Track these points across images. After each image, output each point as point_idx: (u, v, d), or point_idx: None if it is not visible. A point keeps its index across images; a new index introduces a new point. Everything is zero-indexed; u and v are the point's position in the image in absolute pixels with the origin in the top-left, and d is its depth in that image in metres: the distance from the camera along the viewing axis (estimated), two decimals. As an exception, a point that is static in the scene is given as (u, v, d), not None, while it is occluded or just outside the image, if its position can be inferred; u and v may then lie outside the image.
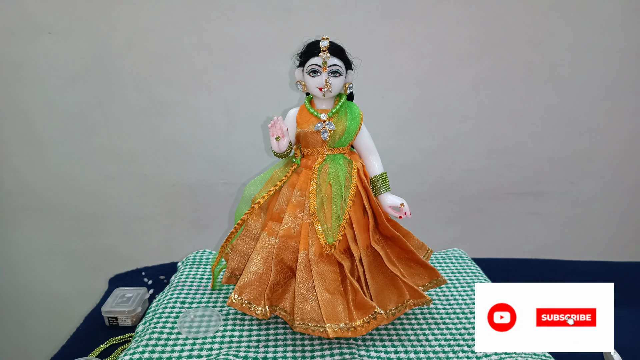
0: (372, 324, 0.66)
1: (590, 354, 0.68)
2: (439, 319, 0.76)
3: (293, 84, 1.12)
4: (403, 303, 0.71)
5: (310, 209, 0.69)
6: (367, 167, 0.75)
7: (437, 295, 0.84)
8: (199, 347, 0.68)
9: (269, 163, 1.17)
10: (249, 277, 0.72)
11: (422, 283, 0.76)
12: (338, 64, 0.70)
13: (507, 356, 0.64)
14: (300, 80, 0.73)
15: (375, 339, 0.70)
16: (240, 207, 0.80)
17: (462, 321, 0.75)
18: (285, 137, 0.72)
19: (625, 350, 0.66)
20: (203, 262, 0.97)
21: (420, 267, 0.76)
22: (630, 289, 0.90)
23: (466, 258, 1.01)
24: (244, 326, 0.74)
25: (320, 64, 0.70)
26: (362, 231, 0.72)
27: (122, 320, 0.82)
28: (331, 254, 0.68)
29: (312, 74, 0.71)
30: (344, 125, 0.72)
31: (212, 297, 0.83)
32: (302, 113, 0.75)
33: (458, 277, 0.92)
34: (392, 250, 0.75)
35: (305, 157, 0.75)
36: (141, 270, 1.06)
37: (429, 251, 0.79)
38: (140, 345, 0.67)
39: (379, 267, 0.73)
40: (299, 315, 0.67)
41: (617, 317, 0.56)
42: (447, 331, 0.72)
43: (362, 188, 0.72)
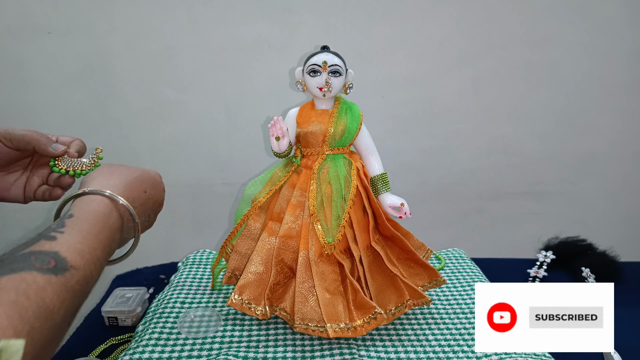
0: (372, 324, 0.66)
1: (590, 354, 0.68)
2: (439, 319, 0.76)
3: (293, 84, 1.12)
4: (403, 303, 0.71)
5: (310, 209, 0.69)
6: (367, 167, 0.75)
7: (437, 295, 0.84)
8: (199, 347, 0.68)
9: (269, 163, 1.18)
10: (249, 277, 0.72)
11: (422, 283, 0.76)
12: (338, 64, 0.70)
13: (507, 356, 0.64)
14: (300, 80, 0.73)
15: (375, 339, 0.70)
16: (241, 207, 0.80)
17: (462, 321, 0.75)
18: (285, 137, 0.72)
19: (625, 350, 0.66)
20: (203, 262, 0.97)
21: (420, 267, 0.76)
22: (630, 289, 0.90)
23: (466, 258, 1.01)
24: (244, 326, 0.74)
25: (320, 64, 0.70)
26: (362, 231, 0.72)
27: (122, 320, 0.82)
28: (331, 254, 0.68)
29: (312, 74, 0.71)
30: (344, 125, 0.72)
31: (212, 297, 0.83)
32: (302, 113, 0.75)
33: (458, 277, 0.92)
34: (392, 250, 0.75)
35: (305, 157, 0.75)
36: (141, 270, 1.06)
37: (428, 251, 0.79)
38: (140, 345, 0.67)
39: (379, 267, 0.73)
40: (299, 315, 0.67)
41: (618, 317, 0.56)
42: (447, 331, 0.72)
43: (362, 188, 0.72)
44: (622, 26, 1.13)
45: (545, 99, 1.19)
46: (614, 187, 1.27)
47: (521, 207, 1.28)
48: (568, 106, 1.20)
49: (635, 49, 1.15)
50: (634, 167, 1.25)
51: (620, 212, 1.29)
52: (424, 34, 1.13)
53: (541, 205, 1.28)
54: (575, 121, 1.21)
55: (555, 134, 1.22)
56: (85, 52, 1.11)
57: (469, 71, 1.16)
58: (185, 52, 1.12)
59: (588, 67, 1.17)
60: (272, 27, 1.11)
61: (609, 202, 1.28)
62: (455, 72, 1.16)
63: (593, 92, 1.19)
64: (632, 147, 1.24)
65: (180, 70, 1.14)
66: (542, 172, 1.25)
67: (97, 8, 1.08)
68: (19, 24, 1.09)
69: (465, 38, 1.13)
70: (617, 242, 1.06)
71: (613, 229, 1.29)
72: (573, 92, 1.19)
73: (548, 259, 1.01)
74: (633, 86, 1.18)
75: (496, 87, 1.18)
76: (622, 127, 1.22)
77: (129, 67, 1.13)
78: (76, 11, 1.08)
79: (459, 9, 1.11)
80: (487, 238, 1.30)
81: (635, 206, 1.29)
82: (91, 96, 1.15)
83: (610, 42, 1.14)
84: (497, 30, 1.13)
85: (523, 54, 1.15)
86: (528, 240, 1.28)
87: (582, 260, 0.98)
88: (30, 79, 1.13)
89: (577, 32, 1.14)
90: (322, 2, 1.10)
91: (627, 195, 1.28)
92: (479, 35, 1.13)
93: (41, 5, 1.08)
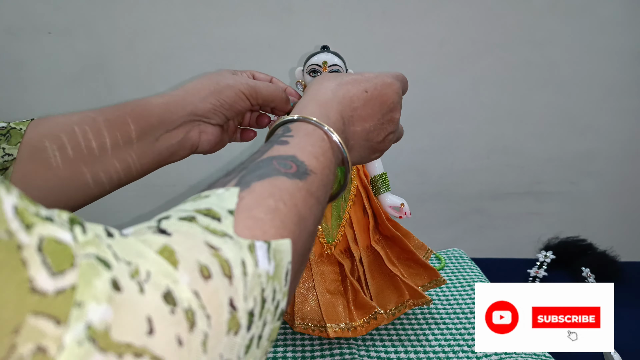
0: (372, 324, 0.66)
1: (590, 354, 0.68)
2: (439, 319, 0.76)
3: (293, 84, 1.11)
4: (403, 303, 0.71)
5: (310, 209, 0.69)
6: (367, 167, 0.75)
7: (437, 295, 0.84)
8: (199, 347, 0.68)
9: (269, 163, 1.17)
10: (249, 277, 0.72)
11: (422, 283, 0.76)
12: (338, 64, 0.70)
13: (507, 356, 0.64)
14: (300, 80, 0.73)
15: (375, 339, 0.70)
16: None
17: (462, 321, 0.75)
18: (285, 137, 0.72)
19: (626, 350, 0.66)
20: (203, 262, 0.97)
21: (420, 267, 0.76)
22: (630, 289, 0.90)
23: (466, 258, 1.01)
24: (244, 326, 0.73)
25: (320, 64, 0.70)
26: (362, 231, 0.72)
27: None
28: (331, 254, 0.68)
29: (312, 74, 0.71)
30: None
31: (212, 297, 0.83)
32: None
33: (458, 277, 0.92)
34: (392, 250, 0.75)
35: (305, 157, 0.75)
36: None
37: (428, 251, 0.79)
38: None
39: (379, 267, 0.73)
40: (299, 315, 0.67)
41: (618, 317, 0.56)
42: (447, 331, 0.72)
43: (362, 188, 0.72)
44: (622, 26, 1.13)
45: (545, 99, 1.19)
46: (614, 187, 1.27)
47: (521, 207, 1.28)
48: (568, 106, 1.20)
49: (635, 49, 1.15)
50: (634, 167, 1.25)
51: (620, 212, 1.29)
52: (424, 34, 1.13)
53: (541, 205, 1.28)
54: (575, 121, 1.21)
55: (555, 134, 1.22)
56: (85, 52, 1.11)
57: (469, 71, 1.16)
58: (185, 52, 1.12)
59: (588, 67, 1.17)
60: (272, 27, 1.11)
61: (609, 202, 1.28)
62: (455, 72, 1.16)
63: (593, 92, 1.19)
64: (632, 147, 1.24)
65: (180, 70, 1.14)
66: (542, 172, 1.25)
67: (97, 8, 1.08)
68: (19, 24, 1.09)
69: (465, 38, 1.13)
70: (617, 242, 1.06)
71: (613, 229, 1.29)
72: (573, 92, 1.19)
73: (548, 259, 1.01)
74: (633, 86, 1.18)
75: (496, 87, 1.17)
76: (622, 127, 1.22)
77: (128, 67, 1.13)
78: (76, 11, 1.08)
79: (459, 9, 1.11)
80: (487, 238, 1.30)
81: (635, 206, 1.29)
82: (91, 96, 1.15)
83: (610, 42, 1.14)
84: (497, 30, 1.13)
85: (523, 54, 1.15)
86: (528, 240, 1.28)
87: (582, 260, 0.98)
88: (30, 79, 1.13)
89: (577, 32, 1.14)
90: (322, 2, 1.10)
91: (627, 195, 1.28)
92: (479, 35, 1.13)
93: (41, 5, 1.08)
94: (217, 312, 0.20)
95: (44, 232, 0.16)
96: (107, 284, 0.17)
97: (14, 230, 0.15)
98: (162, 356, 0.17)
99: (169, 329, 0.18)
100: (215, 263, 0.21)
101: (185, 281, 0.20)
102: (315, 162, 0.33)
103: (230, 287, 0.21)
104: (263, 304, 0.23)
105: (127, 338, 0.16)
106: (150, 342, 0.17)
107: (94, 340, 0.16)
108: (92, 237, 0.18)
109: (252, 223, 0.25)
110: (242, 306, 0.22)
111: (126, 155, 0.49)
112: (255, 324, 0.23)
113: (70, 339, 0.15)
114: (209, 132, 0.55)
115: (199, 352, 0.19)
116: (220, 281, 0.21)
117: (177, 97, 0.52)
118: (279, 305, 0.25)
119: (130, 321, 0.17)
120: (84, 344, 0.15)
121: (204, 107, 0.52)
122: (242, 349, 0.22)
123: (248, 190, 0.27)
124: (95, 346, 0.16)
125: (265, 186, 0.28)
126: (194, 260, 0.21)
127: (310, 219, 0.30)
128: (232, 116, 0.55)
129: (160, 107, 0.50)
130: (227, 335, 0.21)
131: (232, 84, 0.53)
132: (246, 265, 0.23)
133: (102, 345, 0.16)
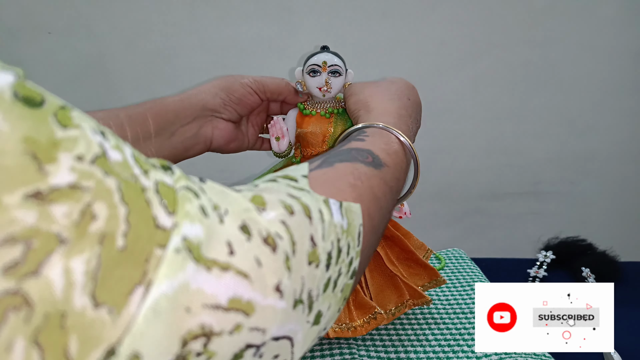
0: (372, 324, 0.66)
1: (590, 354, 0.68)
2: (439, 319, 0.76)
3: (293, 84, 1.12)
4: (403, 303, 0.71)
5: (310, 209, 0.69)
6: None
7: (437, 295, 0.84)
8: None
9: (269, 163, 1.17)
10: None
11: (422, 283, 0.76)
12: (338, 64, 0.70)
13: (507, 356, 0.64)
14: (300, 80, 0.73)
15: (375, 339, 0.70)
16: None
17: (462, 321, 0.75)
18: (285, 137, 0.72)
19: (626, 350, 0.66)
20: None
21: (420, 267, 0.76)
22: (630, 289, 0.90)
23: (466, 258, 1.01)
24: (244, 326, 0.74)
25: (320, 64, 0.70)
26: (362, 231, 0.72)
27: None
28: (331, 254, 0.68)
29: (312, 74, 0.71)
30: (343, 126, 0.72)
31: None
32: (302, 113, 0.75)
33: (458, 277, 0.92)
34: (392, 250, 0.75)
35: (305, 157, 0.75)
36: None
37: (428, 251, 0.79)
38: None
39: (379, 267, 0.73)
40: (299, 315, 0.67)
41: (618, 317, 0.56)
42: (447, 331, 0.72)
43: (362, 188, 0.72)
44: (622, 26, 1.13)
45: (545, 99, 1.19)
46: (613, 187, 1.27)
47: (521, 207, 1.28)
48: (568, 106, 1.20)
49: (635, 49, 1.15)
50: (634, 167, 1.25)
51: (620, 212, 1.29)
52: (424, 34, 1.13)
53: (541, 205, 1.28)
54: (575, 121, 1.21)
55: (555, 134, 1.22)
56: (85, 52, 1.11)
57: (469, 71, 1.16)
58: (185, 52, 1.12)
59: (588, 67, 1.17)
60: (272, 27, 1.11)
61: (609, 202, 1.28)
62: (455, 72, 1.16)
63: (593, 92, 1.19)
64: (632, 147, 1.24)
65: (180, 70, 1.14)
66: (542, 172, 1.25)
67: (97, 8, 1.08)
68: (19, 24, 1.09)
69: (465, 38, 1.13)
70: (617, 242, 1.06)
71: (613, 229, 1.29)
72: (573, 92, 1.19)
73: (548, 259, 1.01)
74: (633, 86, 1.18)
75: (496, 87, 1.17)
76: (622, 127, 1.22)
77: (128, 67, 1.13)
78: (76, 11, 1.08)
79: (459, 9, 1.11)
80: (487, 238, 1.30)
81: (635, 206, 1.29)
82: (91, 96, 1.15)
83: (610, 42, 1.14)
84: (497, 30, 1.13)
85: (523, 54, 1.15)
86: (528, 240, 1.28)
87: (582, 260, 0.98)
88: (30, 79, 1.13)
89: (577, 32, 1.14)
90: (322, 2, 1.10)
91: (627, 195, 1.28)
92: (479, 35, 1.13)
93: (41, 5, 1.08)
94: (300, 241, 0.23)
95: (157, 177, 0.19)
96: (197, 208, 0.20)
97: (137, 175, 0.18)
98: (246, 272, 0.20)
99: (248, 252, 0.20)
100: (298, 204, 0.25)
101: (272, 215, 0.23)
102: (388, 158, 0.38)
103: (311, 226, 0.24)
104: (339, 252, 0.26)
105: (213, 255, 0.19)
106: (233, 260, 0.20)
107: (189, 250, 0.18)
108: (181, 174, 0.22)
109: (331, 189, 0.28)
110: (321, 244, 0.24)
111: (146, 150, 0.51)
112: (332, 268, 0.25)
113: (170, 249, 0.18)
114: (221, 127, 0.59)
115: (282, 269, 0.22)
116: (303, 218, 0.24)
117: (191, 94, 0.57)
118: (352, 262, 0.27)
119: (214, 243, 0.19)
120: (181, 252, 0.18)
121: (214, 102, 0.57)
122: (321, 283, 0.24)
123: (332, 168, 0.31)
124: (190, 256, 0.18)
125: (347, 166, 0.32)
126: (279, 201, 0.24)
127: (384, 202, 0.33)
128: (242, 111, 0.60)
129: (175, 104, 0.55)
130: (308, 266, 0.23)
131: (240, 80, 0.59)
132: (323, 213, 0.25)
133: (195, 256, 0.18)
